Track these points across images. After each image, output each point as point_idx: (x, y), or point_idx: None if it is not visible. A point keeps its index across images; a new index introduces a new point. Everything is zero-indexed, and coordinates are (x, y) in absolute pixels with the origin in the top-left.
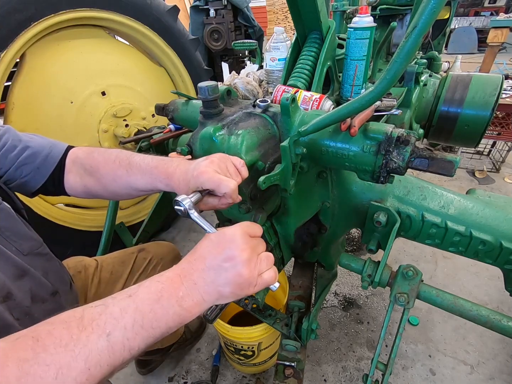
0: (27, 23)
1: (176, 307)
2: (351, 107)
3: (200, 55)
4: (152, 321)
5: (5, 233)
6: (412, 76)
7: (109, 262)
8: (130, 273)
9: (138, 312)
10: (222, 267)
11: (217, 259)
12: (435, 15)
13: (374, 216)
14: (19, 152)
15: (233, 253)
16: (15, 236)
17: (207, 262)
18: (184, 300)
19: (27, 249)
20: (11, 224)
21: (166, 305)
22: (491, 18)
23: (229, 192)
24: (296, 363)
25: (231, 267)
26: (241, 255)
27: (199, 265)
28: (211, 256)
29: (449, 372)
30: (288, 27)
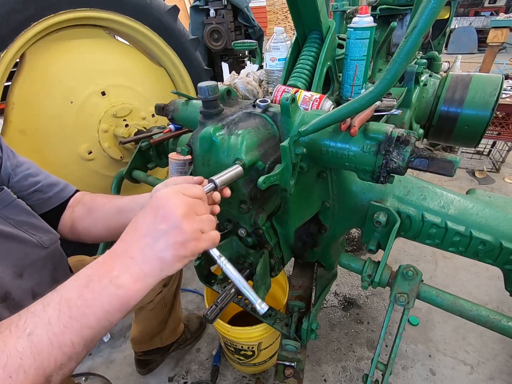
0: (27, 23)
1: (111, 287)
2: (351, 107)
3: (200, 55)
4: (82, 308)
5: (23, 227)
6: (412, 76)
7: None
8: None
9: (63, 301)
10: (159, 230)
11: (152, 223)
12: (435, 15)
13: (374, 216)
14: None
15: (167, 212)
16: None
17: (142, 230)
18: (119, 278)
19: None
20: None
21: (97, 288)
22: (491, 18)
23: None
24: (296, 363)
25: (168, 228)
26: (176, 211)
27: (133, 237)
28: (145, 224)
29: (449, 372)
30: (288, 27)
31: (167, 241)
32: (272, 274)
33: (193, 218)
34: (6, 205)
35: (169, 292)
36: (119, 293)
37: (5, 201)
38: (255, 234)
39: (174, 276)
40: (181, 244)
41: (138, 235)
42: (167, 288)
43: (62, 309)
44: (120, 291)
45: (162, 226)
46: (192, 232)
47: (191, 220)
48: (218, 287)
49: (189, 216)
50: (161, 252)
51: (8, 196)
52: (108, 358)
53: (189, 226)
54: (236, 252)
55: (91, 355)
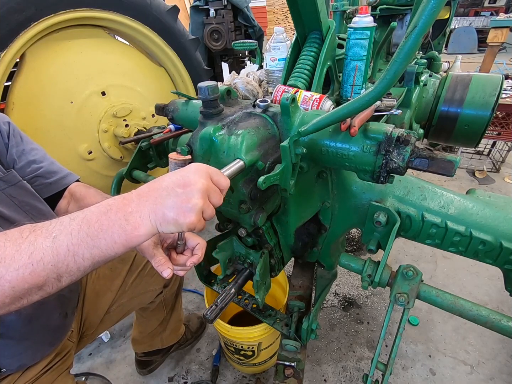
0: (27, 23)
1: (123, 220)
2: (351, 107)
3: (200, 55)
4: (98, 231)
5: (25, 207)
6: (412, 76)
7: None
8: (129, 270)
9: (85, 221)
10: (175, 191)
11: (174, 183)
12: (435, 15)
13: (374, 216)
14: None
15: (190, 180)
16: (34, 211)
17: (164, 183)
18: (132, 215)
19: None
20: (31, 200)
21: (113, 218)
22: (491, 18)
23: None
24: (296, 363)
25: (183, 193)
26: (197, 184)
27: (156, 186)
28: (170, 180)
29: (449, 372)
30: (288, 27)
31: (176, 202)
32: (272, 274)
33: (205, 200)
34: (12, 184)
35: (170, 293)
36: (127, 228)
37: (11, 181)
38: (255, 234)
39: (175, 278)
40: (184, 212)
41: (160, 186)
42: (168, 289)
43: (82, 226)
44: (128, 227)
45: (179, 190)
46: (198, 209)
47: (202, 200)
48: (218, 287)
49: (203, 196)
50: (166, 209)
51: (15, 177)
52: (108, 358)
53: (198, 203)
54: (236, 252)
55: (91, 355)
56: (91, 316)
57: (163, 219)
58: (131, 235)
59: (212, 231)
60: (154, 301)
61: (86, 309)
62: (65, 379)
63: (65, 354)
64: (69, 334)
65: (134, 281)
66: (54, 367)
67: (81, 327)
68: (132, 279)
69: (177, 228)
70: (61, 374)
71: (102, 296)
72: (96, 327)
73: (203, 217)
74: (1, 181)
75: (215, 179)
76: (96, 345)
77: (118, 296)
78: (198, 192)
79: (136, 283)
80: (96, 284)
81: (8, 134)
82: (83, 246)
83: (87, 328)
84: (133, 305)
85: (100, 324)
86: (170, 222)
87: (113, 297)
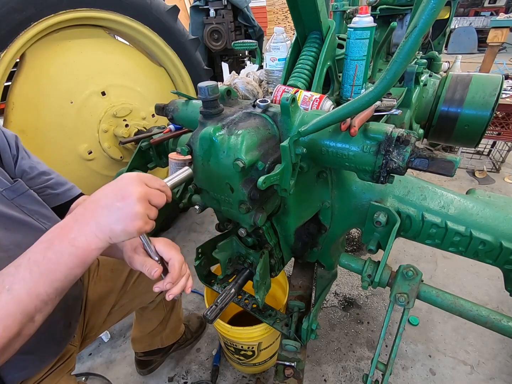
0: (27, 23)
1: (70, 247)
2: (351, 107)
3: (200, 55)
4: (49, 266)
5: (35, 216)
6: (412, 76)
7: (110, 261)
8: (130, 270)
9: (32, 262)
10: (116, 206)
11: (112, 199)
12: (435, 15)
13: (374, 216)
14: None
15: (127, 192)
16: (43, 218)
17: (101, 203)
18: (76, 240)
19: None
20: (39, 208)
21: (59, 249)
22: (491, 18)
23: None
24: (296, 363)
25: (124, 206)
26: (134, 193)
27: (93, 207)
28: (106, 198)
29: (449, 372)
30: (288, 27)
31: (120, 216)
32: (272, 274)
33: (146, 204)
34: (20, 194)
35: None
36: (77, 252)
37: (19, 191)
38: (255, 234)
39: None
40: (130, 222)
41: (97, 206)
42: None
43: (32, 268)
44: (78, 251)
45: (119, 204)
46: (142, 215)
47: (143, 206)
48: (218, 287)
49: (143, 202)
50: (112, 224)
51: (22, 186)
52: (108, 358)
53: (140, 210)
54: (236, 252)
55: (91, 355)
56: (94, 318)
57: (112, 233)
58: (84, 255)
59: (212, 231)
60: (154, 300)
61: (89, 312)
62: (68, 380)
63: (67, 358)
64: (71, 340)
65: (136, 281)
66: (56, 370)
67: (83, 330)
68: (133, 279)
69: (128, 236)
70: (63, 377)
71: (104, 298)
72: (98, 328)
73: (149, 218)
74: (9, 190)
75: (150, 183)
76: (96, 345)
77: (120, 297)
78: (137, 201)
79: (137, 283)
80: (98, 287)
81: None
82: (42, 285)
83: (90, 330)
84: (134, 305)
85: (102, 325)
86: (119, 234)
87: (115, 298)
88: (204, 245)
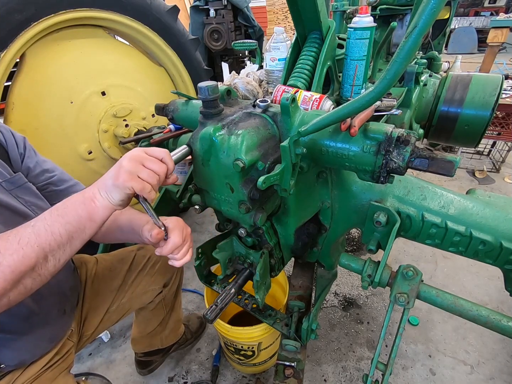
0: (27, 23)
1: (81, 197)
2: (351, 107)
3: (200, 55)
4: (65, 211)
5: (31, 207)
6: (412, 76)
7: (108, 259)
8: (129, 269)
9: (54, 209)
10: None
11: (115, 167)
12: (435, 15)
13: (374, 216)
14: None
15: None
16: (40, 210)
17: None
18: (86, 192)
19: None
20: (36, 200)
21: (74, 200)
22: (491, 18)
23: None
24: (296, 363)
25: (116, 165)
26: (126, 156)
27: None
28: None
29: (449, 372)
30: (288, 27)
31: (111, 173)
32: (272, 274)
33: (135, 164)
34: (18, 186)
35: (170, 293)
36: (85, 201)
37: (18, 183)
38: (255, 234)
39: (174, 277)
40: (117, 176)
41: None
42: (167, 289)
43: (52, 212)
44: (86, 201)
45: (116, 166)
46: (128, 170)
47: (132, 164)
48: (218, 287)
49: (132, 161)
50: (107, 180)
51: (21, 179)
52: (108, 358)
53: (128, 166)
54: (236, 252)
55: (91, 355)
56: (90, 316)
57: (106, 188)
58: (90, 207)
59: (212, 231)
60: (153, 301)
61: (86, 309)
62: (66, 378)
63: (65, 353)
64: (69, 333)
65: (134, 281)
66: (54, 365)
67: (81, 327)
68: (132, 279)
69: (118, 191)
70: (61, 373)
71: (101, 296)
72: (96, 327)
73: (140, 178)
74: (8, 182)
75: (150, 152)
76: (96, 345)
77: (118, 296)
78: (127, 160)
79: (136, 283)
80: (96, 284)
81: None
82: (57, 225)
83: (87, 328)
84: (133, 305)
85: (100, 324)
86: (111, 188)
87: (113, 297)
88: (204, 245)
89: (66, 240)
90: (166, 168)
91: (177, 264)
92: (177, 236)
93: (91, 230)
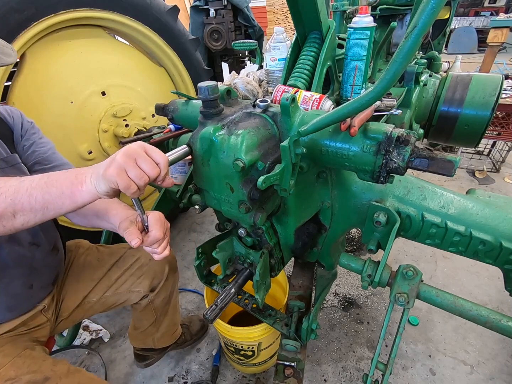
0: (27, 23)
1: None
2: (351, 107)
3: (200, 55)
4: (53, 181)
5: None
6: (412, 76)
7: (102, 251)
8: (115, 264)
9: (48, 174)
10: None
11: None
12: (435, 15)
13: (374, 216)
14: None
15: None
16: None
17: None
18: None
19: None
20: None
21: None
22: (491, 18)
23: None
24: (296, 363)
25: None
26: (122, 150)
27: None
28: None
29: (449, 372)
30: (288, 27)
31: (106, 162)
32: (272, 274)
33: (128, 159)
34: (11, 165)
35: (159, 299)
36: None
37: (10, 163)
38: (255, 234)
39: (162, 284)
40: (107, 168)
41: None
42: (154, 294)
43: (43, 176)
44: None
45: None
46: (118, 164)
47: (124, 158)
48: (218, 287)
49: (126, 156)
50: (99, 168)
51: (15, 159)
52: (108, 358)
53: (119, 160)
54: (236, 252)
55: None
56: (68, 298)
57: (97, 176)
58: (75, 189)
59: (212, 231)
60: (139, 303)
61: (64, 291)
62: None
63: (35, 326)
64: (40, 308)
65: (119, 278)
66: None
67: (58, 307)
68: (117, 275)
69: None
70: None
71: (82, 283)
72: (72, 310)
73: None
74: (2, 161)
75: (150, 152)
76: (96, 345)
77: (98, 287)
78: (122, 152)
79: (120, 280)
80: (79, 269)
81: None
82: (38, 190)
83: (64, 310)
84: (119, 301)
85: (77, 309)
86: (100, 178)
87: (93, 286)
88: (204, 245)
89: (40, 207)
90: (158, 173)
91: (157, 257)
92: (158, 230)
93: (68, 208)
